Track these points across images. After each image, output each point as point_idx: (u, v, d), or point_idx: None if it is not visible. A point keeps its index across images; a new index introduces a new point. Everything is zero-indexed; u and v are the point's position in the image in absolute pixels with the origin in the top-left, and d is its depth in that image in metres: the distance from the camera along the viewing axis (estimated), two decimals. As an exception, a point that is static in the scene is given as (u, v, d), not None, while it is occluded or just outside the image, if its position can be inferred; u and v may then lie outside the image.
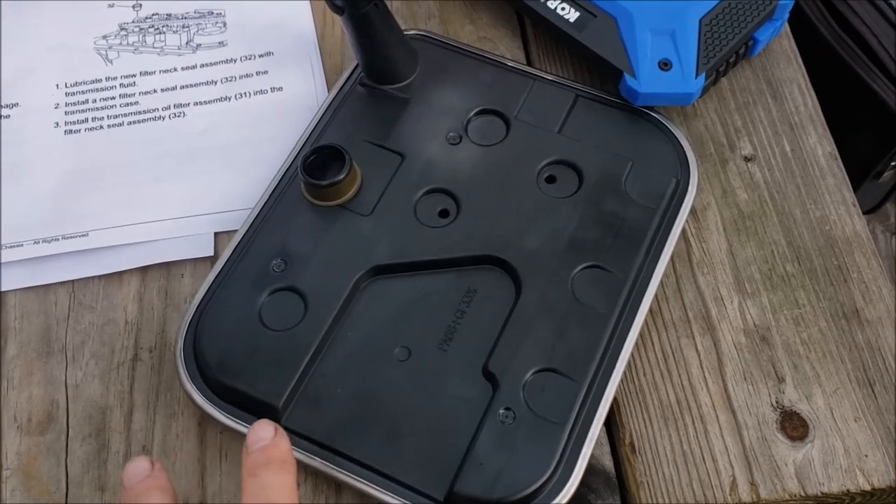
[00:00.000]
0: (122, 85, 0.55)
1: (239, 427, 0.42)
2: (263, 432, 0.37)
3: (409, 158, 0.49)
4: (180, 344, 0.44)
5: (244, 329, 0.44)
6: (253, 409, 0.42)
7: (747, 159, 0.52)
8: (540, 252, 0.46)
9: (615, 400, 0.44)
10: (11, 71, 0.56)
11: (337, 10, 0.47)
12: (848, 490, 0.43)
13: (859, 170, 0.85)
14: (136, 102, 0.54)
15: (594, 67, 0.54)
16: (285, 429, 0.42)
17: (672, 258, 0.47)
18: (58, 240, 0.49)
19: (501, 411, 0.41)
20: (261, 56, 0.56)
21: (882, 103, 0.81)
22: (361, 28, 0.48)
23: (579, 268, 0.45)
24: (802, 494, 0.43)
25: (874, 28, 0.82)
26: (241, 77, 0.55)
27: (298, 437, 0.42)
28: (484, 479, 0.40)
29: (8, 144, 0.53)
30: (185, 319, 0.45)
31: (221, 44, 0.57)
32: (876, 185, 0.87)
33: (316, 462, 0.41)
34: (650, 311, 0.46)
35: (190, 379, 0.43)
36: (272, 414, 0.42)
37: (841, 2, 0.82)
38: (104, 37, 0.57)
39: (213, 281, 0.46)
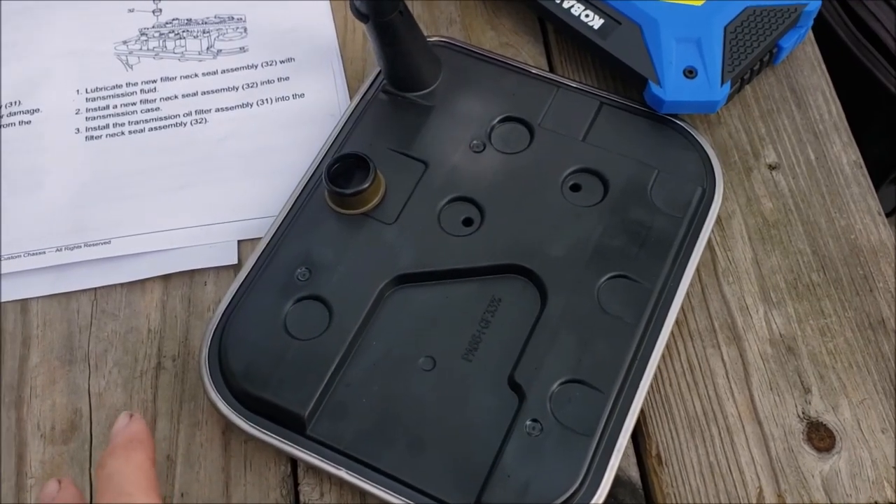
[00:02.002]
0: (142, 91, 0.55)
1: (264, 437, 0.42)
2: (118, 425, 0.37)
3: (433, 166, 0.48)
4: (205, 352, 0.44)
5: (269, 338, 0.44)
6: (278, 418, 0.42)
7: (772, 167, 0.52)
8: (565, 261, 0.45)
9: (641, 411, 0.44)
10: (32, 76, 0.55)
11: (361, 17, 0.46)
12: (875, 502, 0.43)
13: (877, 174, 0.84)
14: (158, 108, 0.54)
15: (618, 75, 0.54)
16: (310, 439, 0.42)
17: (697, 267, 0.47)
18: (80, 247, 0.49)
19: (528, 423, 0.41)
20: (282, 62, 0.56)
21: (901, 107, 0.80)
22: (385, 35, 0.48)
23: (605, 277, 0.45)
24: (829, 506, 0.42)
25: (892, 31, 0.81)
26: (262, 83, 0.55)
27: (323, 446, 0.42)
28: (511, 491, 0.40)
29: (29, 150, 0.53)
30: (209, 328, 0.45)
31: (242, 49, 0.57)
32: (894, 190, 0.87)
33: (341, 472, 0.41)
34: (676, 320, 0.45)
35: (214, 387, 0.43)
36: (298, 423, 0.42)
37: (859, 5, 0.81)
38: (124, 42, 0.57)
39: (238, 289, 0.46)
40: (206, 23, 0.57)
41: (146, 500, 0.34)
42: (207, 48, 0.57)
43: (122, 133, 0.53)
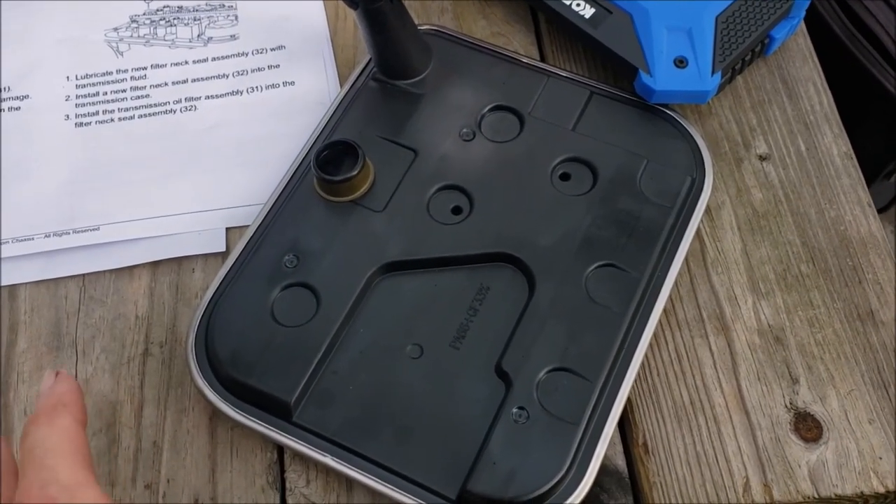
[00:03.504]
0: (132, 77, 0.55)
1: (250, 423, 0.42)
2: (43, 386, 0.32)
3: (423, 154, 0.48)
4: (192, 339, 0.44)
5: (256, 325, 0.44)
6: (264, 405, 0.42)
7: (762, 158, 0.52)
8: (554, 250, 0.45)
9: (628, 400, 0.44)
10: (22, 63, 0.55)
11: (351, 4, 0.46)
12: (862, 492, 0.43)
13: (870, 169, 0.84)
14: (148, 95, 0.54)
15: (609, 64, 0.54)
16: (296, 426, 0.42)
17: (686, 257, 0.47)
18: (68, 234, 0.49)
19: (514, 410, 0.41)
20: (273, 50, 0.56)
21: (894, 102, 0.80)
22: (375, 23, 0.48)
23: (593, 266, 0.45)
24: (816, 496, 0.42)
25: (887, 26, 0.81)
26: (252, 71, 0.55)
27: (310, 433, 0.42)
28: (497, 479, 0.40)
29: (19, 137, 0.52)
30: (196, 314, 0.45)
31: (233, 37, 0.56)
32: (887, 185, 0.87)
33: (327, 459, 0.41)
34: (664, 310, 0.45)
35: (201, 374, 0.43)
36: (284, 410, 0.42)
37: (856, 2, 0.81)
38: (115, 29, 0.57)
39: (225, 276, 0.45)
40: (196, 10, 0.57)
41: (71, 475, 0.29)
42: (198, 35, 0.56)
43: (112, 120, 0.53)
